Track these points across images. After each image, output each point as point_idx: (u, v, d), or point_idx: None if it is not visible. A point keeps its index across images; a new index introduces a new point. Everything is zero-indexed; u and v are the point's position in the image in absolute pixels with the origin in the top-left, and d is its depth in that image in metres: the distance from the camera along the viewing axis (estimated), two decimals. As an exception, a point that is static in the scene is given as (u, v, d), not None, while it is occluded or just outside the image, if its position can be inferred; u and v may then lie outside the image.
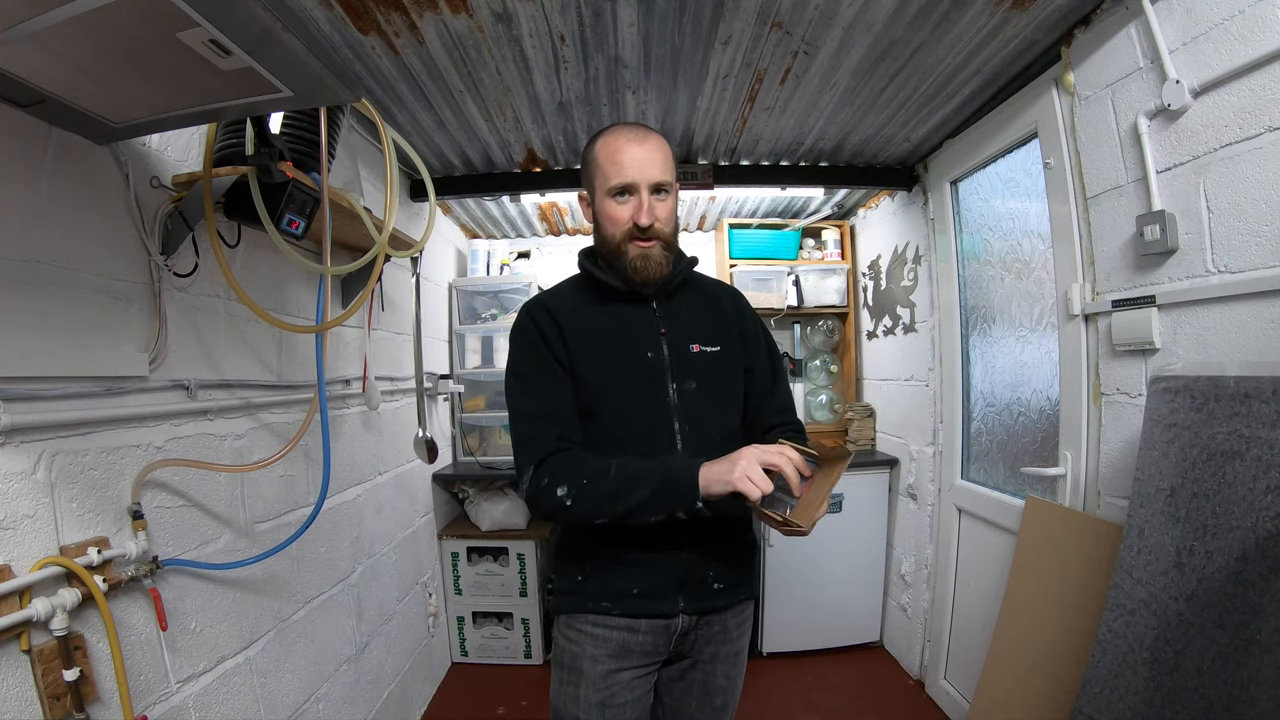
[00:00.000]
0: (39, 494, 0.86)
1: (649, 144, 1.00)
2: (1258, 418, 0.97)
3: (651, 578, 1.03)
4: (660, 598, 1.04)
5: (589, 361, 1.04)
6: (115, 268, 1.00)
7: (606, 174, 1.00)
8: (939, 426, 2.27)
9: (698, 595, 1.05)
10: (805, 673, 2.48)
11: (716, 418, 1.08)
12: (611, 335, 1.06)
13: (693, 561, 1.04)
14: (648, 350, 1.05)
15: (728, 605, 1.09)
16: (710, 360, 1.08)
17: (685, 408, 1.04)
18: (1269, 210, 1.06)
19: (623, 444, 1.02)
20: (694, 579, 1.04)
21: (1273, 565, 0.91)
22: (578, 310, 1.08)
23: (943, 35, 1.46)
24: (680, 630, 1.06)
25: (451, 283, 2.91)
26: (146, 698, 1.00)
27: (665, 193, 1.01)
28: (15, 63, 0.71)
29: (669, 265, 1.05)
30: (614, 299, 1.08)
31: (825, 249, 3.05)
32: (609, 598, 1.04)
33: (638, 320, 1.07)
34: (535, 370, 1.05)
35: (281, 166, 1.08)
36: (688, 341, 1.07)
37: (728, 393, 1.11)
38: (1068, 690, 1.34)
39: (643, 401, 1.04)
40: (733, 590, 1.09)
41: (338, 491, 1.71)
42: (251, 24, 0.65)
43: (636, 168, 0.98)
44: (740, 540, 1.13)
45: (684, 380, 1.05)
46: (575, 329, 1.05)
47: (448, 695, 2.40)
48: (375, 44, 1.41)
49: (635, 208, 0.99)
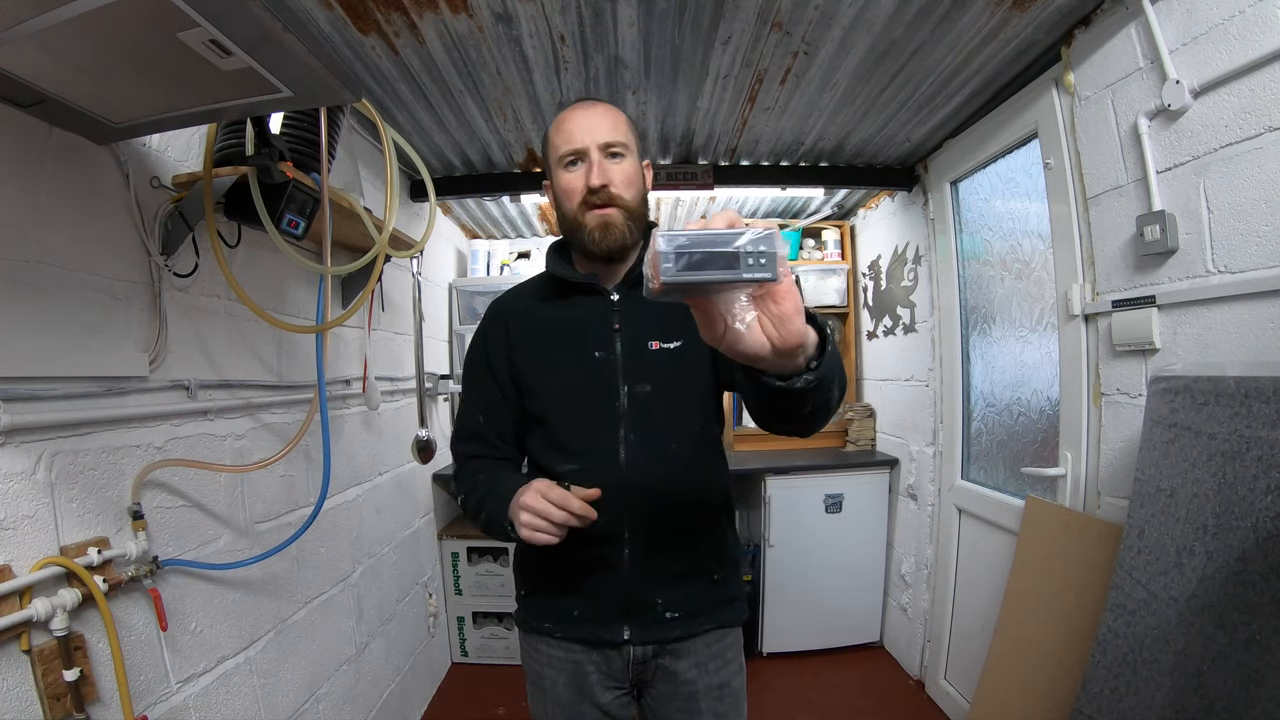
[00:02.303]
0: (39, 494, 0.86)
1: (596, 109, 0.94)
2: (1258, 418, 0.97)
3: (591, 601, 0.95)
4: (602, 624, 0.95)
5: (534, 363, 0.99)
6: (115, 268, 1.00)
7: (556, 145, 0.94)
8: (939, 427, 2.27)
9: (646, 624, 0.95)
10: (805, 673, 2.48)
11: (671, 425, 0.96)
12: (561, 334, 0.98)
13: (637, 585, 0.94)
14: (596, 349, 0.96)
15: (687, 636, 0.97)
16: (669, 359, 0.96)
17: (635, 414, 0.94)
18: (1269, 210, 1.06)
19: (567, 452, 0.96)
20: (640, 605, 0.95)
21: (1273, 565, 0.91)
22: (531, 309, 1.02)
23: (943, 35, 1.46)
24: (635, 660, 0.97)
25: (451, 283, 2.91)
26: (146, 698, 1.00)
27: (620, 155, 0.93)
28: (15, 63, 0.71)
29: (632, 236, 0.94)
30: (573, 293, 1.00)
31: (825, 249, 3.05)
32: (550, 619, 0.99)
33: (592, 315, 0.98)
34: (471, 380, 1.05)
35: (282, 167, 1.08)
36: (646, 338, 0.96)
37: (689, 395, 0.98)
38: (1068, 690, 1.34)
39: (588, 406, 0.95)
40: (691, 620, 0.97)
41: (338, 492, 1.71)
42: (251, 24, 0.65)
43: (583, 131, 0.92)
44: (703, 562, 0.99)
45: (637, 383, 0.95)
46: (525, 330, 1.00)
47: (448, 695, 2.40)
48: (375, 44, 1.41)
49: (586, 171, 0.91)
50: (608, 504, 0.84)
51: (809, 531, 2.56)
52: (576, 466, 0.94)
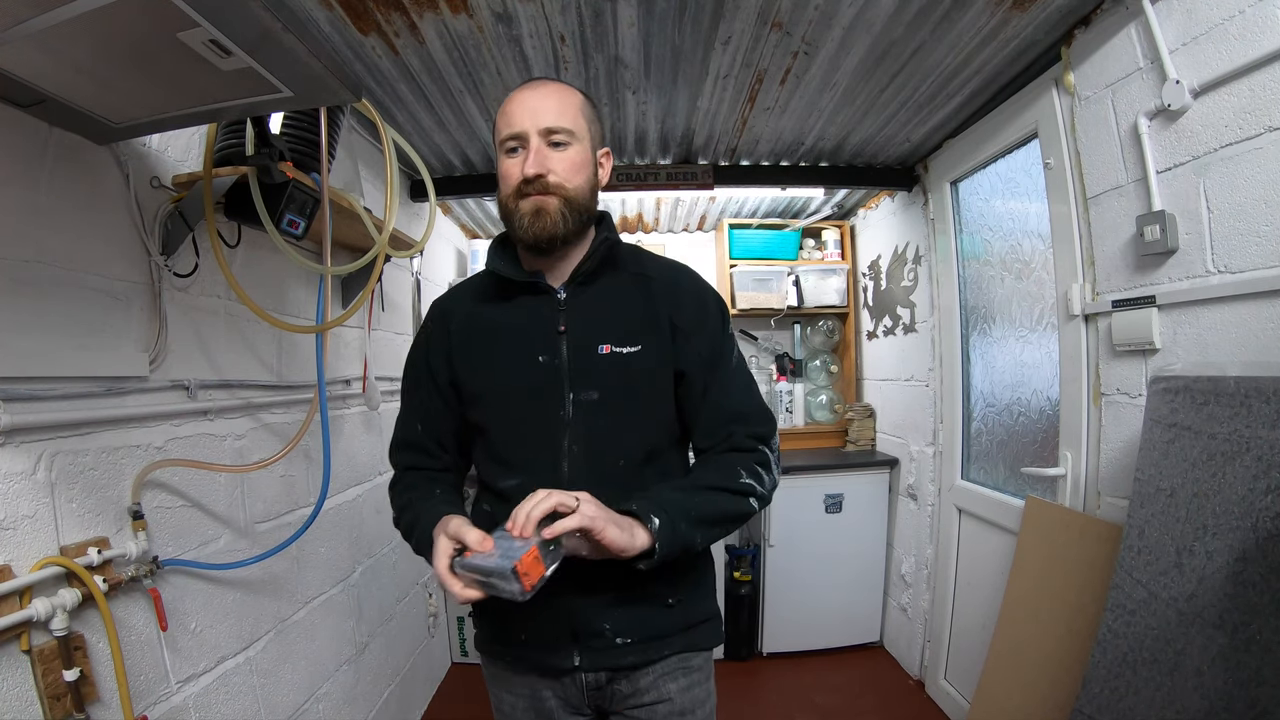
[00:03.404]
0: (39, 494, 0.86)
1: (544, 89, 0.87)
2: (1258, 418, 0.97)
3: (537, 626, 0.88)
4: (550, 649, 0.89)
5: (473, 369, 0.92)
6: (115, 268, 1.00)
7: (499, 129, 0.88)
8: (939, 427, 2.27)
9: (595, 650, 0.88)
10: (805, 673, 2.48)
11: (622, 438, 0.88)
12: (502, 337, 0.91)
13: (584, 610, 0.87)
14: (540, 354, 0.88)
15: (644, 664, 0.90)
16: (622, 364, 0.88)
17: (579, 424, 0.87)
18: (1269, 210, 1.06)
19: (508, 466, 0.90)
20: (588, 631, 0.88)
21: (1273, 565, 0.91)
22: (473, 309, 0.95)
23: (943, 35, 1.46)
24: (589, 686, 0.91)
25: (451, 283, 2.91)
26: (146, 698, 1.00)
27: (564, 144, 0.85)
28: (15, 63, 0.71)
29: (568, 225, 0.86)
30: (516, 292, 0.92)
31: (825, 249, 3.05)
32: (499, 641, 0.94)
33: (534, 317, 0.90)
34: (410, 385, 1.01)
35: (282, 167, 1.08)
36: (596, 341, 0.88)
37: (645, 405, 0.90)
38: (1068, 690, 1.34)
39: (529, 416, 0.88)
40: (646, 647, 0.89)
41: (338, 492, 1.71)
42: (251, 24, 0.65)
43: (526, 114, 0.84)
44: (652, 586, 0.87)
45: (583, 390, 0.87)
46: (465, 331, 0.94)
47: (448, 695, 2.40)
48: (375, 44, 1.41)
49: (522, 159, 0.84)
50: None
51: (809, 531, 2.56)
52: (516, 481, 0.87)
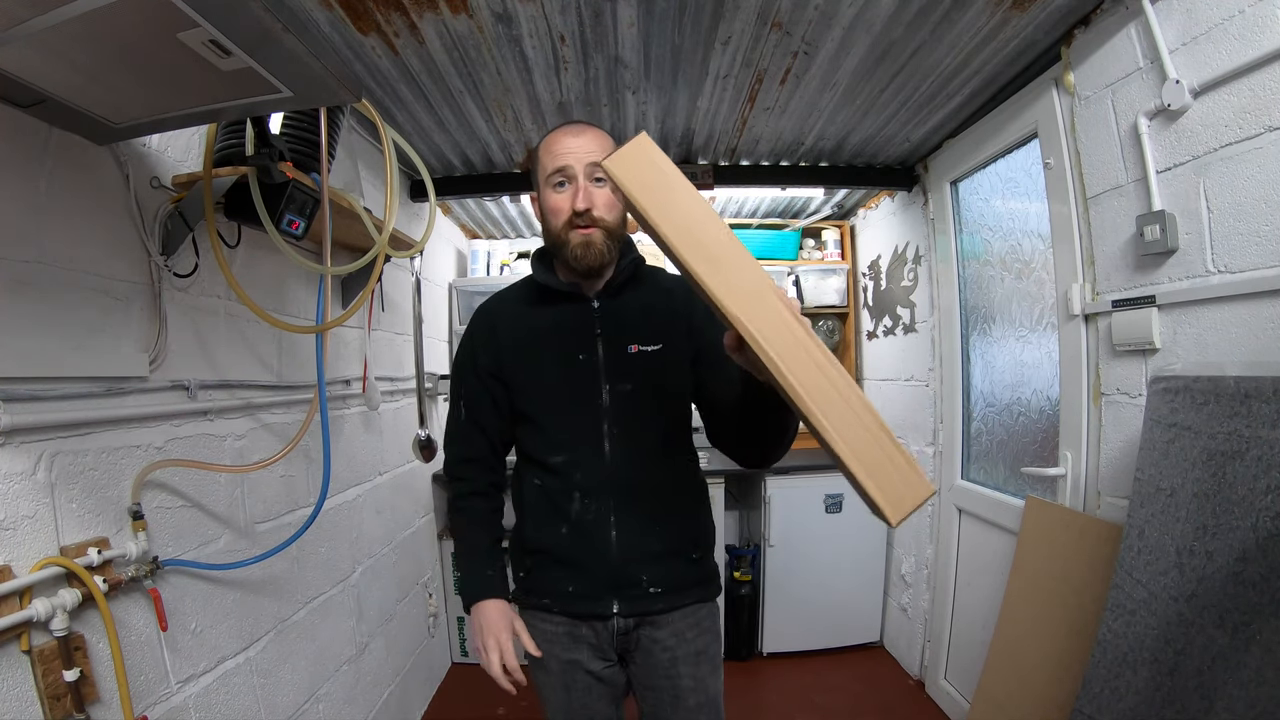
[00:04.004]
0: (39, 494, 0.85)
1: (585, 135, 1.01)
2: (1258, 418, 0.97)
3: (584, 579, 1.06)
4: (594, 598, 1.06)
5: (519, 365, 1.08)
6: (115, 268, 1.00)
7: (545, 165, 1.02)
8: (939, 426, 2.27)
9: (632, 599, 1.06)
10: (805, 673, 2.48)
11: (653, 423, 1.06)
12: (544, 338, 1.07)
13: (623, 564, 1.05)
14: (580, 352, 1.05)
15: (668, 609, 1.08)
16: (648, 360, 1.06)
17: (617, 411, 1.04)
18: (1269, 210, 1.06)
19: (556, 445, 1.06)
20: (627, 582, 1.05)
21: (1273, 565, 0.91)
22: (518, 312, 1.11)
23: (942, 35, 1.46)
24: (619, 630, 1.08)
25: (451, 283, 2.91)
26: (147, 698, 1.00)
27: (604, 181, 1.00)
28: (15, 63, 0.71)
29: (611, 254, 1.04)
30: (557, 300, 1.08)
31: (825, 249, 3.05)
32: (548, 595, 1.09)
33: (575, 321, 1.07)
34: (459, 380, 1.15)
35: (281, 167, 1.08)
36: (627, 342, 1.05)
37: (668, 395, 1.08)
38: (1068, 690, 1.34)
39: (572, 404, 1.05)
40: (673, 595, 1.08)
41: (338, 492, 1.71)
42: (251, 24, 0.65)
43: (571, 154, 0.99)
44: (682, 543, 1.10)
45: (619, 382, 1.04)
46: (510, 332, 1.09)
47: (448, 695, 2.40)
48: (375, 44, 1.41)
49: (572, 194, 1.00)
50: (596, 493, 1.04)
51: (809, 531, 2.56)
52: (564, 458, 1.05)
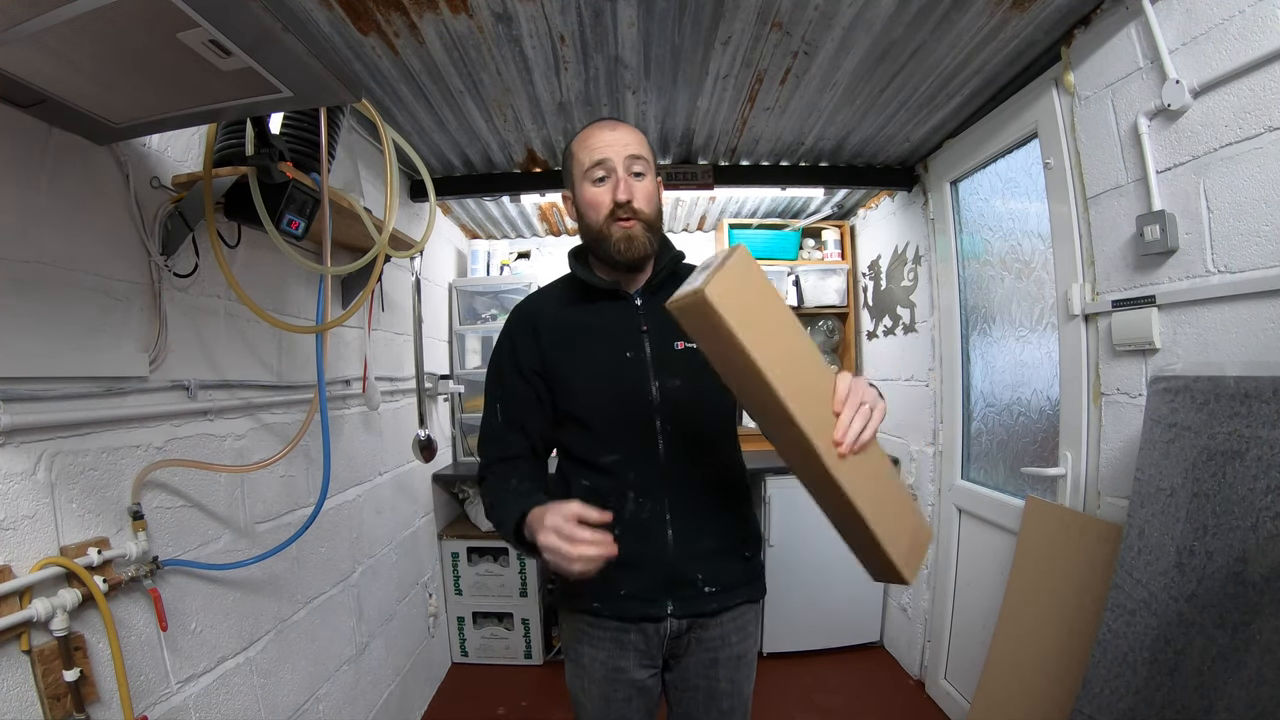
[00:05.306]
0: (39, 494, 0.86)
1: (620, 129, 1.02)
2: (1258, 418, 0.97)
3: (638, 579, 1.02)
4: (648, 600, 1.03)
5: (565, 364, 1.05)
6: (115, 268, 1.00)
7: (582, 160, 1.01)
8: (939, 426, 2.27)
9: (686, 599, 1.03)
10: (805, 673, 2.48)
11: (702, 416, 1.05)
12: (590, 336, 1.05)
13: (679, 562, 1.02)
14: (627, 350, 1.03)
15: (721, 609, 1.06)
16: (694, 357, 1.01)
17: (669, 406, 1.02)
18: (1269, 210, 1.06)
19: (607, 443, 1.03)
20: (682, 581, 1.03)
21: (1273, 565, 0.91)
22: (560, 311, 1.08)
23: (942, 35, 1.46)
24: (670, 634, 1.05)
25: (451, 283, 2.91)
26: (147, 698, 1.00)
27: (642, 174, 1.01)
28: (15, 63, 0.71)
29: (651, 247, 1.03)
30: (598, 298, 1.07)
31: (825, 249, 3.05)
32: (599, 598, 1.05)
33: (619, 319, 1.05)
34: (497, 380, 1.10)
35: (281, 167, 1.08)
36: (672, 338, 1.03)
37: (715, 390, 1.02)
38: (1068, 690, 1.34)
39: (623, 402, 1.02)
40: (726, 594, 1.06)
41: (338, 492, 1.71)
42: (251, 24, 0.65)
43: (610, 147, 0.99)
44: (734, 540, 1.08)
45: (669, 379, 1.02)
46: (553, 332, 1.06)
47: (448, 696, 2.40)
48: (375, 44, 1.41)
49: (613, 187, 0.99)
50: (651, 491, 1.01)
51: (809, 531, 2.56)
52: (617, 457, 1.02)
